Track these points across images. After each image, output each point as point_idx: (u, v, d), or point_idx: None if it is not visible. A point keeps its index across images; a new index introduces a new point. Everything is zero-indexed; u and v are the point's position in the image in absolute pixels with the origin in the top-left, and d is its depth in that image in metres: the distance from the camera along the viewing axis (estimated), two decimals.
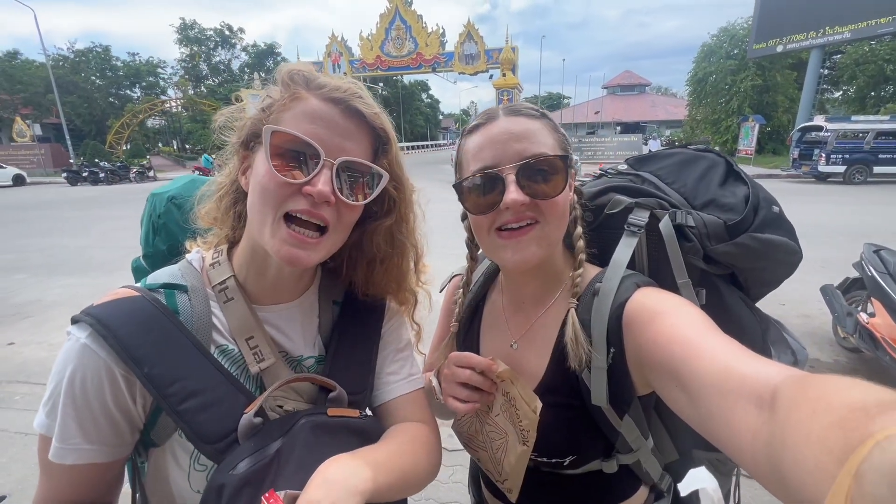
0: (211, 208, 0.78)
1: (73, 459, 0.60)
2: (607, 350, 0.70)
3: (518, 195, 0.69)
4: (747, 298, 0.83)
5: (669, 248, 0.76)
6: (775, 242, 0.76)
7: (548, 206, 0.72)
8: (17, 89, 32.70)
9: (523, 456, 0.76)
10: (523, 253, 0.73)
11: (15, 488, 2.46)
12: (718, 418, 0.49)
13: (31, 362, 3.95)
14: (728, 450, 0.48)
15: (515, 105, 0.77)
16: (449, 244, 1.01)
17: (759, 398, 0.44)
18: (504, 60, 25.64)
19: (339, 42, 28.43)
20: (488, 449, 0.83)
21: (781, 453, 0.37)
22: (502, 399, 0.78)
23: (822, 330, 4.14)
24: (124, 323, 0.62)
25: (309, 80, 0.67)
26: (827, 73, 29.26)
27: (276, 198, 0.63)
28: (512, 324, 0.88)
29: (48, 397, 0.62)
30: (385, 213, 0.78)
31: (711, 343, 0.56)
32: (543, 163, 0.71)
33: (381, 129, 0.70)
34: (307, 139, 0.62)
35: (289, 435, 0.64)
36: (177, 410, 0.61)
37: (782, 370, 0.46)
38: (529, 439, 0.74)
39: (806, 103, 20.81)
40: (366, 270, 0.82)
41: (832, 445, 0.31)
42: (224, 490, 0.56)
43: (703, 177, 0.85)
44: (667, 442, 0.87)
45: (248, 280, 0.73)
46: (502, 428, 0.79)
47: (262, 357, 0.69)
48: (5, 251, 8.13)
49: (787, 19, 21.00)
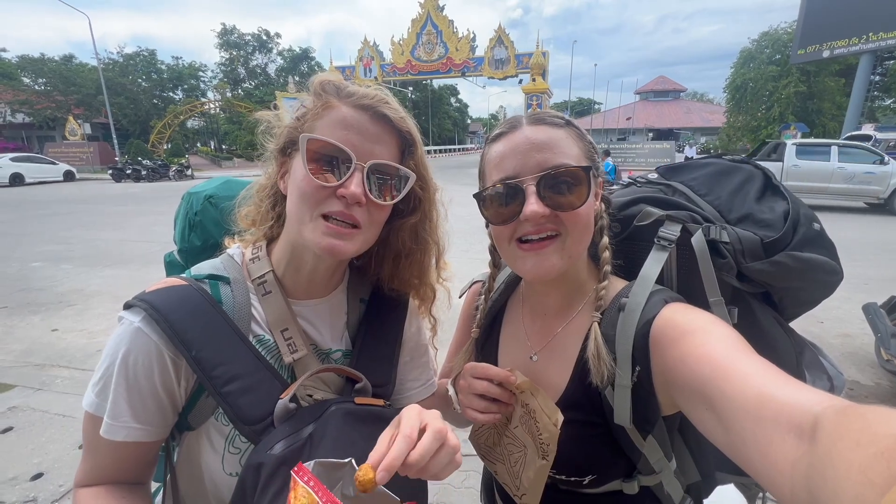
0: (250, 211, 0.83)
1: (123, 437, 0.65)
2: (632, 368, 0.67)
3: (538, 207, 0.68)
4: (781, 319, 0.79)
5: (702, 265, 0.72)
6: (815, 262, 0.71)
7: (569, 218, 0.70)
8: (71, 91, 34.74)
9: (542, 470, 0.74)
10: (543, 265, 0.72)
11: (51, 467, 2.60)
12: (753, 445, 0.46)
13: (72, 348, 4.17)
14: (762, 479, 0.46)
15: (539, 113, 0.75)
16: (472, 249, 1.01)
17: (798, 428, 0.42)
18: (534, 65, 25.50)
19: (370, 47, 29.00)
20: (506, 462, 0.81)
21: (822, 485, 0.36)
22: (521, 411, 0.76)
23: (864, 351, 3.92)
24: (175, 309, 0.66)
25: (339, 89, 0.72)
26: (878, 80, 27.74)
27: (314, 200, 0.68)
28: (532, 335, 0.86)
29: (99, 378, 0.66)
30: (411, 212, 0.82)
31: (745, 365, 0.53)
32: (565, 174, 0.69)
33: (406, 133, 0.74)
34: (340, 145, 0.67)
35: (320, 420, 0.67)
36: (220, 392, 0.65)
37: (823, 398, 0.44)
38: (549, 453, 0.72)
39: (854, 111, 19.75)
40: (392, 265, 0.86)
41: (875, 477, 0.30)
42: (262, 468, 0.60)
43: (738, 190, 0.80)
44: (689, 463, 0.83)
45: (284, 275, 0.78)
46: (521, 441, 0.77)
47: (295, 348, 0.74)
48: (53, 242, 8.64)
49: (834, 23, 20.01)
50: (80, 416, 0.68)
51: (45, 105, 34.23)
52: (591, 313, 0.75)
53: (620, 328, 0.69)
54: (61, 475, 2.53)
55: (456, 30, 27.22)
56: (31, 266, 6.92)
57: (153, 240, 8.66)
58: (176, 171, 25.59)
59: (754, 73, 25.83)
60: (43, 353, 4.06)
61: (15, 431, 2.94)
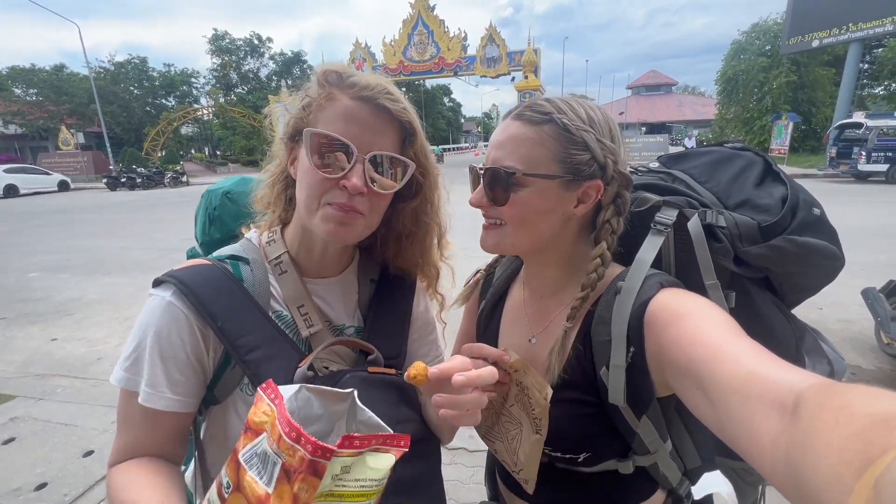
0: (265, 194, 0.88)
1: (162, 406, 0.68)
2: (627, 349, 0.69)
3: (478, 195, 0.78)
4: (782, 304, 0.79)
5: (697, 248, 0.73)
6: (814, 246, 0.72)
7: (502, 212, 0.76)
8: (63, 100, 34.56)
9: (537, 445, 0.76)
10: (487, 240, 0.80)
11: (55, 476, 2.58)
12: (738, 422, 0.47)
13: (72, 357, 4.16)
14: (747, 455, 0.47)
15: (528, 105, 0.76)
16: (470, 246, 1.03)
17: (781, 404, 0.43)
18: (526, 63, 25.53)
19: (362, 48, 28.98)
20: (504, 440, 0.84)
21: (801, 461, 0.36)
22: (516, 389, 0.79)
23: (864, 335, 3.94)
24: (201, 284, 0.71)
25: (342, 78, 0.74)
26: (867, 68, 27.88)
27: (318, 190, 0.73)
28: (532, 318, 0.88)
29: (130, 353, 0.69)
30: (412, 196, 0.86)
31: (735, 347, 0.54)
32: (493, 172, 0.75)
33: (407, 123, 0.77)
34: (341, 138, 0.70)
35: (336, 387, 0.71)
36: (244, 360, 0.70)
37: (808, 377, 0.45)
38: (542, 427, 0.74)
39: (844, 100, 19.88)
40: (395, 246, 0.91)
41: (852, 456, 0.31)
42: None
43: (738, 176, 0.81)
44: (689, 447, 0.84)
45: (298, 256, 0.84)
46: (517, 418, 0.80)
47: (311, 323, 0.79)
48: (51, 252, 8.60)
49: (822, 12, 20.14)
50: (82, 425, 0.70)
51: (37, 115, 34.04)
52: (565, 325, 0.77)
53: (616, 310, 0.70)
54: (65, 484, 2.52)
55: (447, 29, 27.21)
56: (29, 276, 6.88)
57: (151, 247, 8.63)
58: (171, 177, 25.52)
59: (745, 65, 25.89)
60: (43, 363, 4.04)
61: (17, 442, 2.92)
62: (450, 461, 2.63)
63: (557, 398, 0.76)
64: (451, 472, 2.55)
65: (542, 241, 0.79)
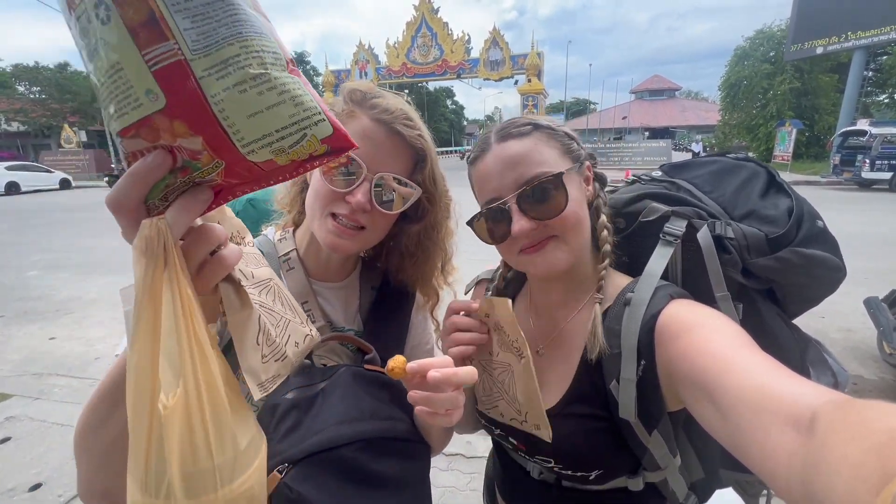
0: (284, 194, 0.94)
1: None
2: (637, 362, 0.68)
3: (524, 223, 0.72)
4: (785, 316, 0.79)
5: (708, 260, 0.72)
6: (819, 258, 0.71)
7: (558, 223, 0.72)
8: (66, 99, 34.69)
9: (526, 370, 0.75)
10: (549, 261, 0.74)
11: (50, 477, 2.57)
12: (751, 437, 0.47)
13: (70, 357, 4.14)
14: (760, 471, 0.45)
15: (505, 126, 0.77)
16: (471, 249, 1.02)
17: (797, 421, 0.42)
18: (529, 66, 25.61)
19: (366, 50, 29.08)
20: (503, 394, 0.82)
21: (816, 478, 0.36)
22: (496, 336, 0.80)
23: (866, 345, 3.92)
24: None
25: (365, 99, 0.77)
26: (871, 76, 27.89)
27: (325, 200, 0.77)
28: (539, 329, 0.87)
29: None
30: (417, 220, 0.88)
31: (746, 358, 0.54)
32: (540, 185, 0.71)
33: (420, 149, 0.80)
34: (354, 156, 0.74)
35: (331, 379, 0.73)
36: None
37: (822, 393, 0.44)
38: (523, 348, 0.74)
39: (848, 107, 19.88)
40: (397, 261, 0.94)
41: (867, 474, 0.30)
42: (277, 408, 0.68)
43: (742, 187, 0.81)
44: (693, 460, 0.84)
45: (306, 257, 0.89)
46: (505, 363, 0.80)
47: (313, 319, 0.83)
48: (50, 250, 8.61)
49: (826, 20, 20.18)
50: None
51: (40, 114, 34.17)
52: (594, 296, 0.76)
53: (626, 322, 0.70)
54: (60, 485, 2.50)
55: (451, 32, 27.30)
56: (29, 275, 6.88)
57: None
58: None
59: (749, 71, 25.93)
60: (41, 362, 4.02)
61: (13, 441, 2.91)
62: (446, 467, 2.61)
63: (568, 412, 0.75)
64: (447, 479, 2.53)
65: (588, 238, 0.79)
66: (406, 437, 0.71)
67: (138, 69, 0.39)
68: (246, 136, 0.42)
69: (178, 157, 0.43)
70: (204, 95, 0.40)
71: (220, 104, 0.40)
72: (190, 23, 0.39)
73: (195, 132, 0.41)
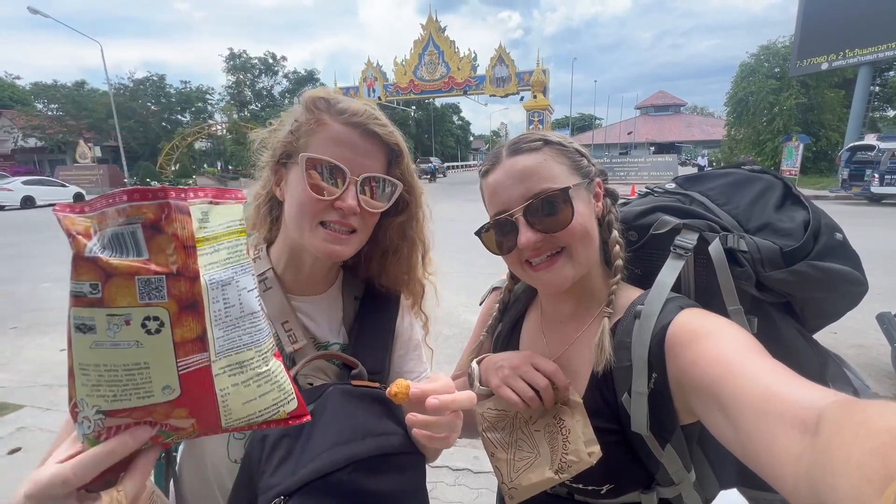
0: (250, 216, 0.90)
1: None
2: (649, 375, 0.67)
3: (530, 235, 0.73)
4: (804, 330, 0.78)
5: (720, 273, 0.72)
6: (837, 272, 0.70)
7: (565, 235, 0.73)
8: (83, 115, 35.48)
9: (549, 482, 0.74)
10: (556, 278, 0.75)
11: None
12: (758, 441, 0.47)
13: None
14: (769, 474, 0.46)
15: (516, 141, 0.79)
16: (479, 262, 1.04)
17: (803, 423, 0.42)
18: (535, 83, 25.89)
19: (374, 68, 29.62)
20: (510, 453, 0.81)
21: (821, 479, 0.36)
22: (551, 420, 0.76)
23: (880, 361, 3.85)
24: None
25: (330, 105, 0.78)
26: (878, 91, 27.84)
27: (313, 210, 0.76)
28: (550, 342, 0.87)
29: None
30: (399, 212, 0.89)
31: (754, 364, 0.54)
32: (547, 198, 0.73)
33: (394, 145, 0.82)
34: (336, 162, 0.74)
35: (320, 399, 0.72)
36: None
37: (828, 394, 0.44)
38: (567, 473, 0.72)
39: (855, 122, 19.81)
40: (380, 262, 0.93)
41: (872, 473, 0.30)
42: (267, 439, 0.66)
43: (758, 199, 0.80)
44: (709, 477, 0.82)
45: (284, 274, 0.86)
46: (535, 444, 0.77)
47: (295, 339, 0.81)
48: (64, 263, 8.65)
49: (831, 36, 20.24)
50: None
51: (56, 130, 34.96)
52: (603, 310, 0.76)
53: (636, 335, 0.69)
54: None
55: (457, 50, 27.76)
56: (42, 287, 6.97)
57: None
58: None
59: (755, 87, 26.00)
60: (52, 373, 4.05)
61: (24, 452, 2.93)
62: (454, 482, 2.58)
63: None
64: (454, 494, 2.50)
65: (597, 252, 0.79)
66: (401, 451, 0.70)
67: (167, 372, 0.43)
68: (234, 416, 0.47)
69: (157, 429, 0.45)
70: (214, 389, 0.45)
71: (225, 396, 0.46)
72: (221, 332, 0.45)
73: (192, 416, 0.46)
